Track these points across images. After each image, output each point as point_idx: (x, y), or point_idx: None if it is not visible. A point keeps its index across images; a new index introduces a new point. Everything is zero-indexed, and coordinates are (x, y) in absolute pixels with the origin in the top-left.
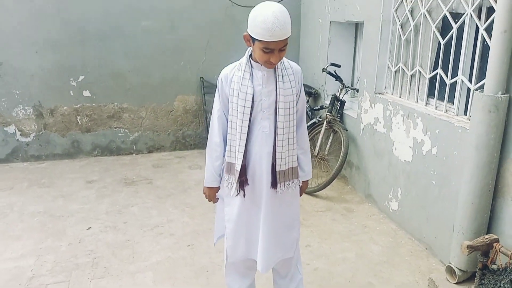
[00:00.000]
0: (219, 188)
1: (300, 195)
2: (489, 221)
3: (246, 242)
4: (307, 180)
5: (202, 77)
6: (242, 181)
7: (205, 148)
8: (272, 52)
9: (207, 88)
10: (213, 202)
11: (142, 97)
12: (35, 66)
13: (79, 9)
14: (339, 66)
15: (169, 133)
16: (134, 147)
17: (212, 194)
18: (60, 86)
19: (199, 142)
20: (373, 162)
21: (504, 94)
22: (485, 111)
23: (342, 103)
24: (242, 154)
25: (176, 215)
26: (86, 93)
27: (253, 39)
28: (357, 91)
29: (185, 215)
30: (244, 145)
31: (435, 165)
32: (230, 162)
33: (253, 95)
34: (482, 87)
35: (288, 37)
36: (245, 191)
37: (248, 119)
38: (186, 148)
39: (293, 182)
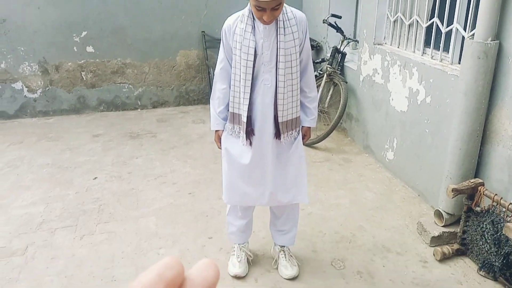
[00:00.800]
0: (222, 131)
1: (304, 142)
2: (477, 166)
3: (245, 192)
4: (310, 128)
5: (204, 31)
6: (249, 132)
7: (208, 103)
8: (264, 10)
9: (209, 43)
10: (218, 147)
11: (144, 53)
12: (38, 22)
13: None
14: (339, 17)
15: (172, 88)
16: (139, 102)
17: (217, 136)
18: (63, 42)
19: (202, 98)
20: (371, 113)
21: (494, 40)
22: (474, 58)
23: (343, 55)
24: (247, 106)
25: (179, 166)
26: (90, 49)
27: None
28: (358, 42)
29: (187, 166)
30: (249, 97)
31: (428, 113)
32: (234, 113)
33: (255, 48)
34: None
35: None
36: (252, 140)
37: (251, 72)
38: (189, 103)
39: (295, 131)
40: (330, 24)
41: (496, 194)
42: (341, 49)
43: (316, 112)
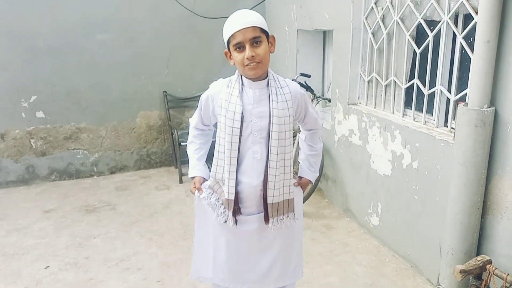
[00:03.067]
0: (203, 178)
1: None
2: (479, 239)
3: (222, 269)
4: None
5: (166, 91)
6: (235, 211)
7: (172, 165)
8: (244, 48)
9: (171, 102)
10: (199, 192)
11: (101, 115)
12: None
13: (26, 24)
14: (309, 76)
15: (132, 152)
16: (95, 168)
17: (197, 181)
18: (10, 108)
19: (165, 160)
20: (350, 175)
21: (490, 107)
22: (471, 126)
23: None
24: (234, 181)
25: (143, 245)
26: (40, 114)
27: (228, 46)
28: (329, 101)
29: (152, 245)
30: (235, 170)
31: (417, 179)
32: (217, 180)
33: (242, 114)
34: (463, 98)
35: (262, 31)
36: (237, 219)
37: (238, 142)
38: (151, 166)
39: (287, 216)
40: (300, 83)
41: (508, 274)
42: None
43: (319, 165)
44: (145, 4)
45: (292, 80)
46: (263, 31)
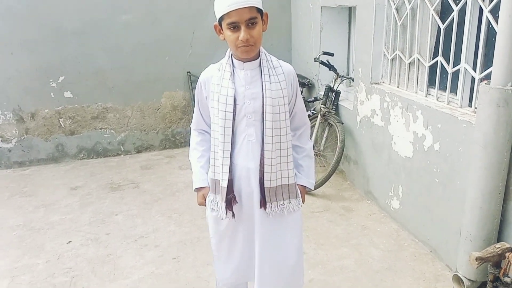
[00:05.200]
0: (208, 188)
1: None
2: (499, 226)
3: (237, 267)
4: (305, 189)
5: (189, 72)
6: (230, 199)
7: None
8: (238, 28)
9: (195, 83)
10: (204, 205)
11: (127, 96)
12: (11, 68)
13: (52, 6)
14: (332, 54)
15: (157, 132)
16: (122, 148)
17: (200, 195)
18: (39, 88)
19: (189, 140)
20: (371, 157)
21: None
22: (493, 106)
23: (337, 94)
24: (228, 167)
25: (162, 223)
26: (68, 94)
27: (220, 23)
28: (353, 80)
29: (171, 223)
30: (229, 156)
31: (438, 162)
32: (215, 179)
33: (234, 97)
34: (488, 76)
35: (258, 11)
36: (233, 211)
37: (231, 126)
38: (176, 146)
39: (289, 202)
40: (322, 62)
41: None
42: (335, 88)
43: (313, 170)
44: None
45: (315, 58)
46: (258, 10)
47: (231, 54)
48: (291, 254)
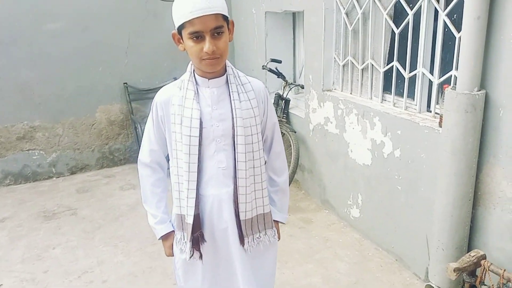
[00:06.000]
0: (174, 232)
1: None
2: (469, 233)
3: None
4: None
5: (126, 83)
6: (197, 238)
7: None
8: (202, 39)
9: (133, 95)
10: (172, 256)
11: (57, 112)
12: None
13: None
14: (280, 61)
15: (93, 150)
16: (53, 169)
17: (168, 245)
18: None
19: (130, 156)
20: (327, 165)
21: (480, 90)
22: (460, 112)
23: (287, 101)
24: (194, 200)
25: (108, 253)
26: None
27: (180, 32)
28: (302, 87)
29: (118, 253)
30: (195, 187)
31: (399, 169)
32: (180, 214)
33: (200, 119)
34: (447, 80)
35: (224, 18)
36: (201, 252)
37: (197, 152)
38: (115, 164)
39: (265, 233)
40: (271, 70)
41: (505, 270)
42: (284, 96)
43: (287, 202)
44: None
45: (262, 66)
46: (224, 17)
47: (193, 70)
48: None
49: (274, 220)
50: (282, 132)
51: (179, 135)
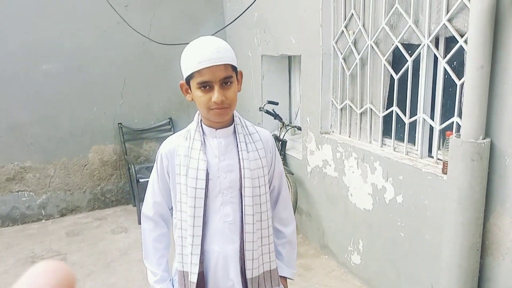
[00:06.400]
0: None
1: None
2: (478, 283)
3: None
4: (286, 280)
5: (121, 123)
6: None
7: (130, 203)
8: (211, 88)
9: (128, 135)
10: None
11: (49, 152)
12: None
13: None
14: (276, 103)
15: (84, 191)
16: (43, 211)
17: None
18: None
19: (122, 198)
20: (326, 208)
21: (485, 138)
22: (466, 160)
23: (284, 143)
24: (198, 257)
25: None
26: None
27: (188, 82)
28: (298, 128)
29: None
30: (200, 243)
31: (402, 215)
32: (183, 271)
33: (207, 171)
34: (449, 126)
35: (233, 69)
36: None
37: (203, 205)
38: (106, 205)
39: None
40: (268, 112)
41: None
42: (281, 137)
43: (295, 257)
44: (95, 29)
45: (259, 108)
46: (233, 68)
47: (200, 120)
48: None
49: (280, 276)
50: None
51: (184, 186)
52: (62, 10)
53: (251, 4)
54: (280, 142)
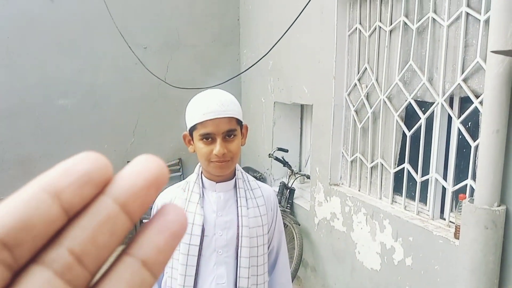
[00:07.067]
0: None
1: None
2: None
3: None
4: None
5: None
6: None
7: None
8: (213, 141)
9: None
10: None
11: None
12: None
13: None
14: (286, 151)
15: None
16: None
17: None
18: None
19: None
20: (332, 264)
21: (500, 206)
22: (480, 227)
23: (292, 191)
24: None
25: None
26: None
27: (191, 133)
28: (308, 177)
29: None
30: None
31: (411, 279)
32: None
33: (203, 226)
34: (463, 189)
35: (238, 122)
36: None
37: (195, 264)
38: None
39: None
40: (277, 158)
41: None
42: (289, 185)
43: None
44: (112, 68)
45: (269, 154)
46: (238, 122)
47: (201, 172)
48: None
49: None
50: (285, 224)
51: None
52: (82, 48)
53: (267, 53)
54: (288, 190)
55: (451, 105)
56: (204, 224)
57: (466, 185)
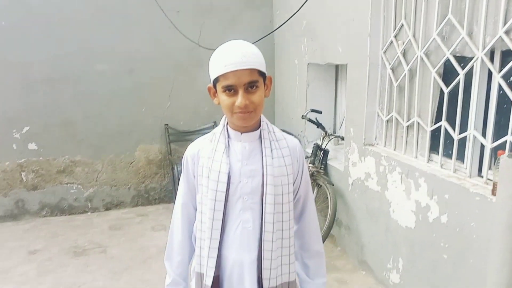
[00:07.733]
0: None
1: None
2: None
3: None
4: None
5: (167, 124)
6: None
7: (172, 202)
8: (236, 92)
9: (173, 136)
10: None
11: (97, 148)
12: None
13: (21, 51)
14: (320, 112)
15: (129, 187)
16: (89, 204)
17: None
18: (0, 139)
19: (165, 196)
20: (366, 223)
21: None
22: None
23: (326, 152)
24: (215, 260)
25: None
26: (32, 146)
27: (215, 86)
28: (342, 138)
29: None
30: (217, 246)
31: (446, 236)
32: (200, 273)
33: (229, 174)
34: (502, 145)
35: (260, 73)
36: None
37: (222, 209)
38: (149, 203)
39: None
40: (310, 120)
41: None
42: (323, 146)
43: (325, 272)
44: (147, 34)
45: (302, 116)
46: (260, 73)
47: (227, 123)
48: None
49: None
50: (319, 184)
51: (205, 188)
52: (117, 14)
53: (299, 10)
54: (322, 152)
55: (491, 60)
56: (230, 172)
57: (506, 141)
